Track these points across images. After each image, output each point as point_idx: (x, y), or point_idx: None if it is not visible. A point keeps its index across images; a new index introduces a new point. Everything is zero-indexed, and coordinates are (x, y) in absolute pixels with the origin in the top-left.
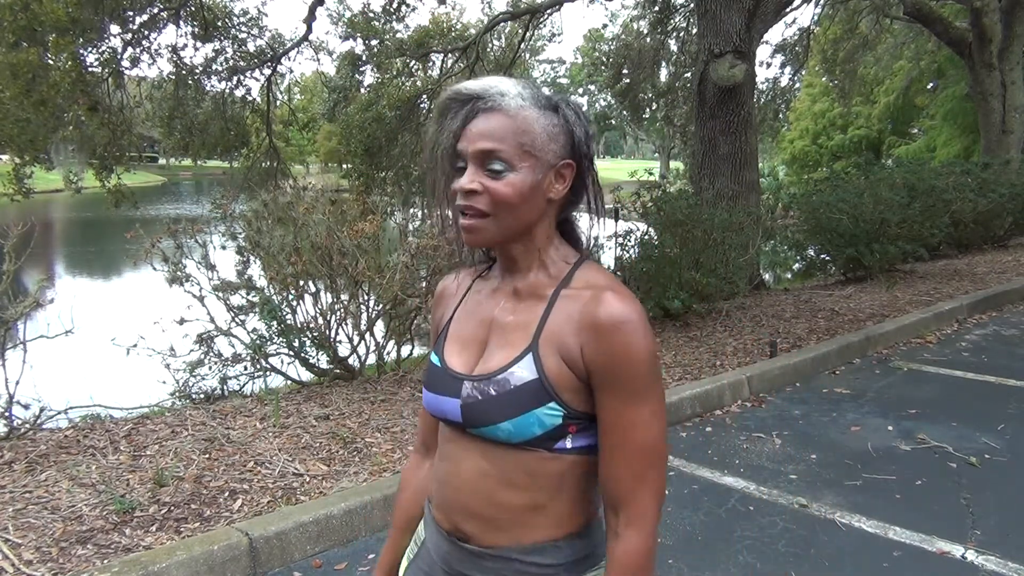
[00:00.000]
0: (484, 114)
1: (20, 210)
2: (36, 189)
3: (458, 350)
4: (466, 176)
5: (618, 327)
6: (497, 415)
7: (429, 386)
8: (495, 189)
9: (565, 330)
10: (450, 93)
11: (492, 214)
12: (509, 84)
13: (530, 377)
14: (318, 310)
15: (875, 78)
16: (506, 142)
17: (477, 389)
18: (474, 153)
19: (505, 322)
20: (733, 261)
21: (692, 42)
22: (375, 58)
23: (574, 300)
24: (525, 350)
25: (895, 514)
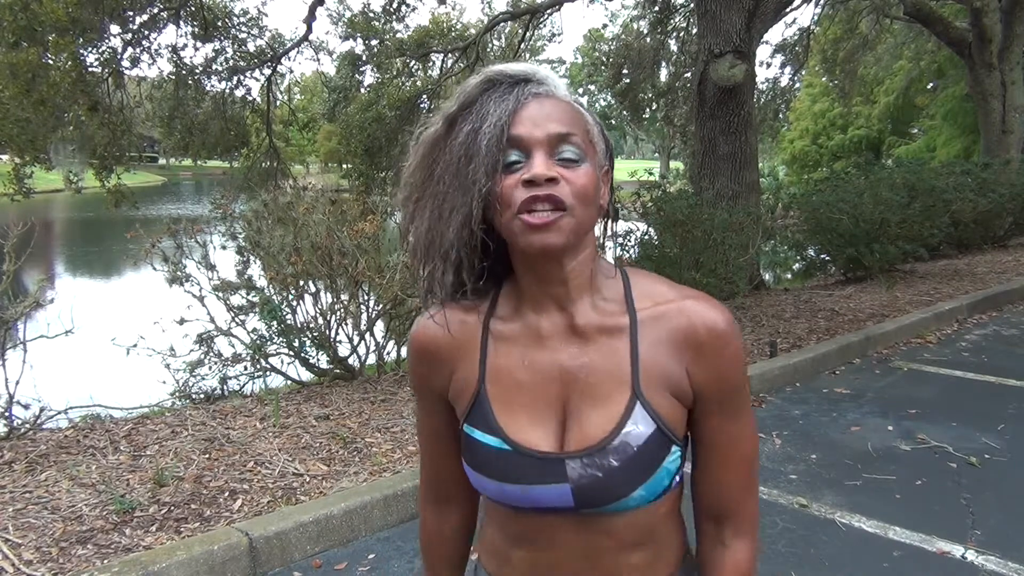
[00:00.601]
0: (538, 101)
1: (20, 210)
2: (36, 189)
3: (528, 422)
4: (538, 163)
5: (720, 337)
6: (627, 487)
7: (501, 475)
8: (575, 179)
9: (663, 360)
10: (492, 72)
11: (571, 208)
12: (551, 72)
13: (649, 430)
14: (318, 310)
15: (875, 78)
16: (576, 129)
17: (593, 466)
18: (546, 138)
19: (583, 372)
20: (733, 261)
21: (692, 42)
22: (375, 58)
23: (658, 322)
24: (631, 399)
25: (895, 514)
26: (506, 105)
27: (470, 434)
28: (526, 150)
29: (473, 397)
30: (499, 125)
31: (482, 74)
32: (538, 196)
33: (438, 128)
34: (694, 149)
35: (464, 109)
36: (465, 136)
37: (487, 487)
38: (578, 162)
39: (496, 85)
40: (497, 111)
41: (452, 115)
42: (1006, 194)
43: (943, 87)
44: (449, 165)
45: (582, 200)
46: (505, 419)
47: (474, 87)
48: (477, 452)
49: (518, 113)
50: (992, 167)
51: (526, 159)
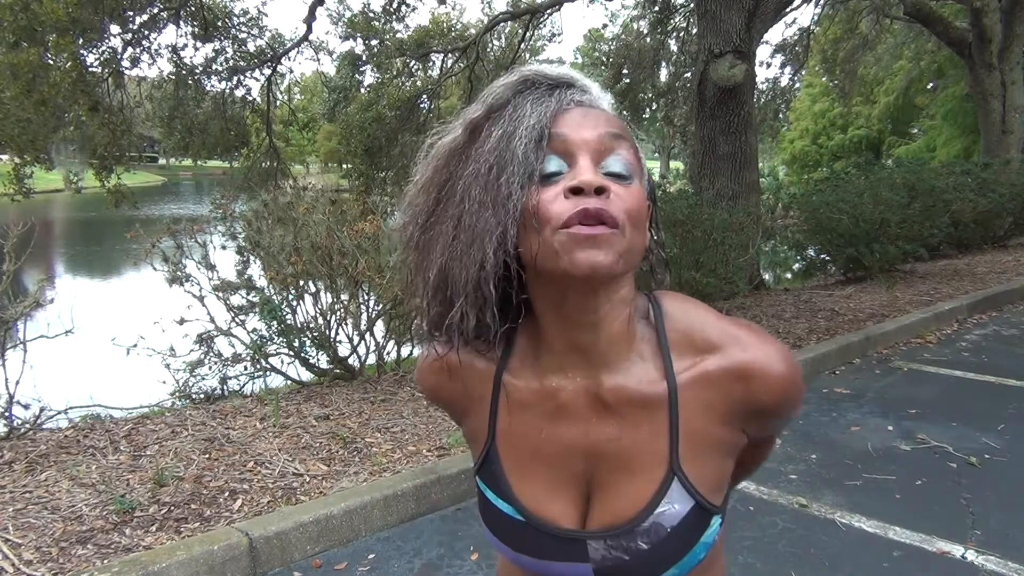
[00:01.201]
0: (582, 108)
1: (20, 210)
2: (36, 189)
3: (546, 494)
4: (586, 170)
5: (781, 387)
6: (656, 569)
7: (515, 545)
8: (625, 195)
9: (712, 429)
10: (528, 72)
11: (623, 228)
12: (595, 83)
13: (686, 509)
14: (318, 310)
15: (875, 78)
16: (627, 142)
17: (618, 548)
18: (594, 141)
19: (611, 447)
20: (733, 261)
21: (692, 42)
22: (375, 58)
23: (705, 386)
24: (667, 476)
25: (895, 514)
26: (546, 106)
27: (483, 491)
28: (569, 156)
29: (483, 453)
30: (538, 127)
31: (516, 73)
32: (588, 210)
33: (457, 136)
34: (694, 149)
35: (494, 111)
36: (496, 142)
37: (502, 550)
38: (629, 179)
39: (532, 87)
40: (536, 111)
41: (478, 120)
42: (1006, 194)
43: (943, 87)
44: (475, 178)
45: (634, 221)
46: (520, 487)
47: (505, 88)
48: (490, 512)
49: (560, 117)
50: (992, 167)
51: (568, 168)
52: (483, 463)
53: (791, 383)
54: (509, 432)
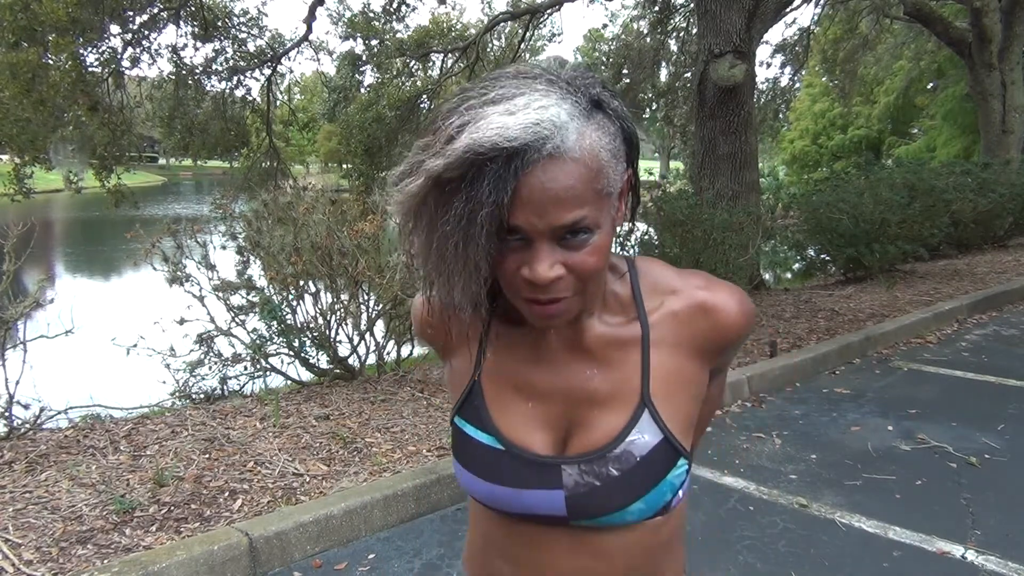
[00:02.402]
0: (542, 167)
1: (20, 210)
2: (36, 189)
3: (525, 425)
4: (541, 262)
5: (741, 318)
6: (624, 499)
7: (492, 476)
8: (582, 263)
9: (681, 364)
10: (475, 147)
11: (577, 292)
12: (555, 107)
13: (655, 440)
14: (318, 310)
15: (875, 78)
16: (587, 199)
17: (590, 474)
18: (548, 229)
19: (589, 386)
20: (733, 261)
21: (692, 42)
22: (375, 58)
23: (674, 324)
24: (638, 407)
25: (895, 514)
26: (503, 185)
27: (461, 428)
28: (528, 231)
29: (467, 389)
30: (495, 215)
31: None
32: (540, 299)
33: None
34: (694, 149)
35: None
36: (457, 220)
37: (477, 488)
38: (588, 234)
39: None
40: (494, 195)
41: (438, 174)
42: (1006, 194)
43: (943, 87)
44: (446, 242)
45: (588, 281)
46: (501, 418)
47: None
48: (468, 448)
49: (519, 193)
50: (992, 167)
51: (528, 242)
52: (465, 400)
53: (746, 311)
54: (494, 369)
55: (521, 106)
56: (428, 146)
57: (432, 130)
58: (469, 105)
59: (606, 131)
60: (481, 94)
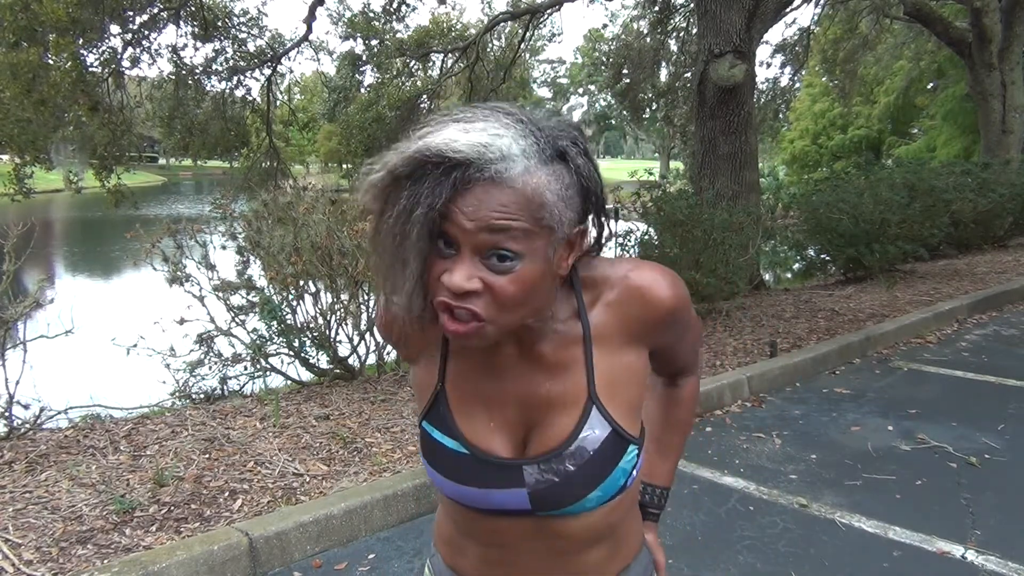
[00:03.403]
0: (482, 187)
1: (20, 210)
2: (36, 189)
3: (487, 430)
4: (460, 271)
5: (668, 292)
6: (582, 490)
7: (458, 477)
8: (501, 288)
9: (620, 354)
10: (423, 150)
11: (492, 319)
12: (508, 139)
13: (604, 433)
14: (318, 310)
15: (875, 78)
16: (517, 225)
17: (549, 471)
18: (475, 244)
19: (542, 391)
20: (733, 261)
21: (692, 42)
22: (375, 58)
23: (606, 313)
24: (586, 404)
25: (895, 514)
26: (441, 190)
27: (429, 432)
28: (456, 245)
29: (432, 396)
30: (430, 215)
31: (419, 148)
32: (452, 306)
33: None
34: (694, 149)
35: (394, 184)
36: (397, 216)
37: (445, 486)
38: (513, 261)
39: (432, 165)
40: (429, 198)
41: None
42: (1006, 194)
43: (943, 87)
44: (386, 237)
45: (507, 309)
46: (465, 424)
47: (407, 160)
48: (435, 451)
49: (453, 204)
50: (992, 167)
51: (456, 251)
52: (432, 406)
53: (674, 286)
54: (457, 374)
55: (478, 129)
56: (397, 147)
57: (408, 136)
58: (440, 120)
59: (559, 179)
60: (453, 115)
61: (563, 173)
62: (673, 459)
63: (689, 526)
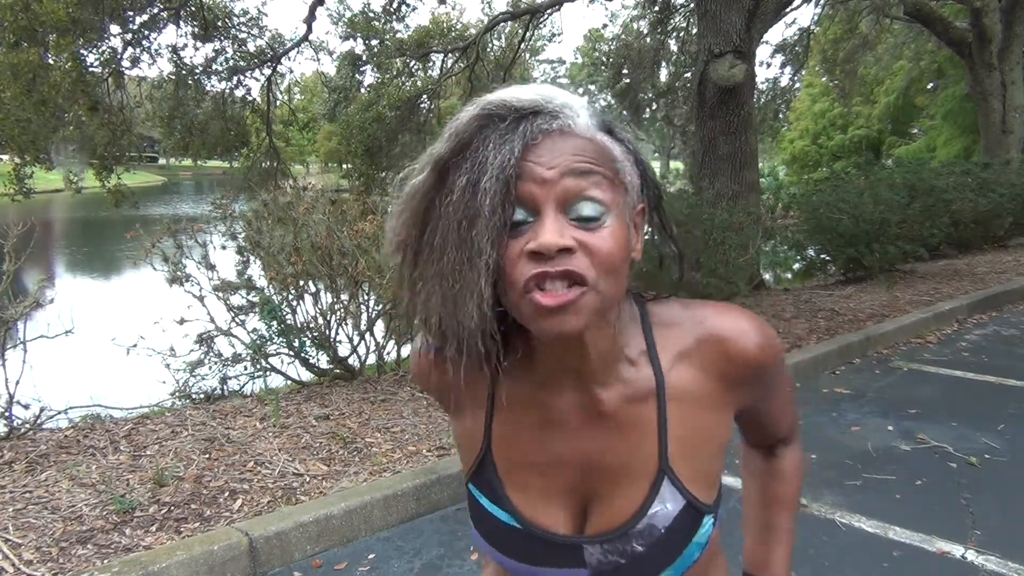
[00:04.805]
0: (552, 138)
1: (20, 210)
2: (36, 189)
3: (542, 502)
4: (549, 229)
5: (757, 341)
6: (652, 570)
7: (509, 552)
8: (597, 245)
9: (701, 414)
10: (492, 104)
11: (594, 283)
12: (568, 95)
13: (677, 508)
14: (318, 310)
15: (875, 78)
16: (599, 170)
17: (614, 552)
18: (561, 191)
19: (605, 455)
20: (733, 261)
21: (692, 42)
22: (375, 58)
23: (685, 364)
24: (657, 476)
25: (895, 514)
26: (510, 148)
27: (476, 497)
28: (534, 205)
29: (478, 458)
30: (502, 178)
31: (478, 105)
32: (548, 272)
33: (427, 177)
34: (694, 149)
35: (457, 154)
36: (461, 192)
37: (495, 556)
38: (600, 219)
39: (496, 121)
40: (499, 158)
41: (443, 160)
42: (1006, 194)
43: (943, 87)
44: (448, 234)
45: (607, 271)
46: (516, 495)
47: (468, 123)
48: (484, 518)
49: (525, 159)
50: (992, 167)
51: (534, 218)
52: (477, 469)
53: (762, 333)
54: (504, 438)
55: (535, 87)
56: (439, 139)
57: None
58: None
59: (617, 144)
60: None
61: (617, 143)
62: (786, 545)
63: None
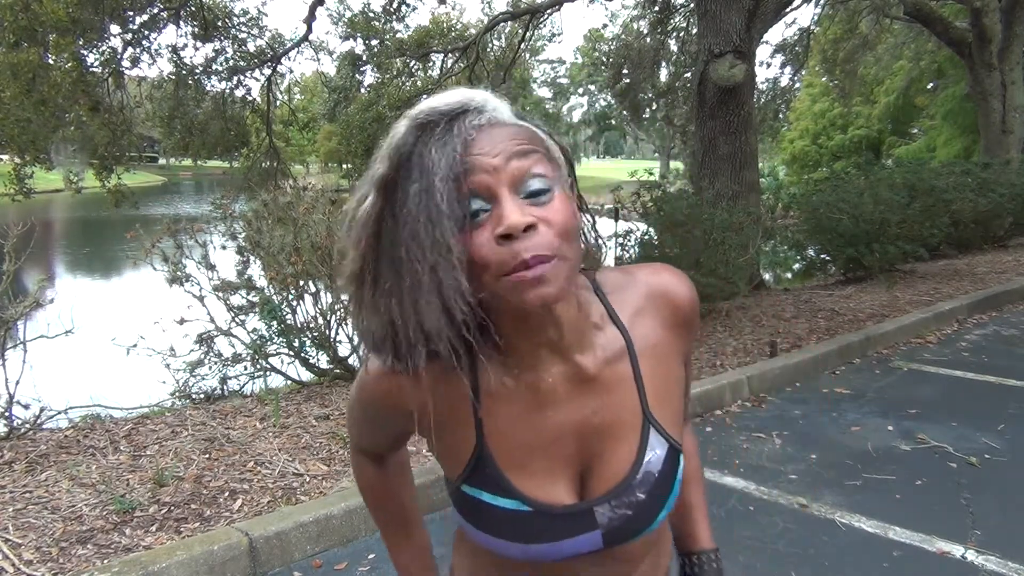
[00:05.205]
0: (486, 130)
1: (20, 210)
2: (36, 189)
3: (546, 479)
4: (510, 209)
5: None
6: (652, 515)
7: (523, 537)
8: (551, 217)
9: (665, 362)
10: (421, 114)
11: (558, 254)
12: (484, 92)
13: (664, 451)
14: (318, 310)
15: (875, 78)
16: (536, 148)
17: (621, 506)
18: (509, 177)
19: (596, 417)
20: (733, 261)
21: (692, 42)
22: (375, 58)
23: (642, 320)
24: (644, 426)
25: (895, 514)
26: (452, 147)
27: (476, 496)
28: (489, 193)
29: (471, 459)
30: (453, 174)
31: (409, 118)
32: (525, 260)
33: (374, 200)
34: (694, 149)
35: (401, 167)
36: (416, 198)
37: (507, 550)
38: (549, 191)
39: (430, 127)
40: (443, 159)
41: (387, 177)
42: (1006, 194)
43: (943, 87)
44: (414, 239)
45: (566, 238)
46: (521, 480)
47: (406, 134)
48: (489, 514)
49: (468, 154)
50: (992, 167)
51: (491, 205)
52: (473, 470)
53: (689, 284)
54: (499, 431)
55: (452, 92)
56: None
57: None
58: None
59: (543, 129)
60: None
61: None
62: (705, 517)
63: None
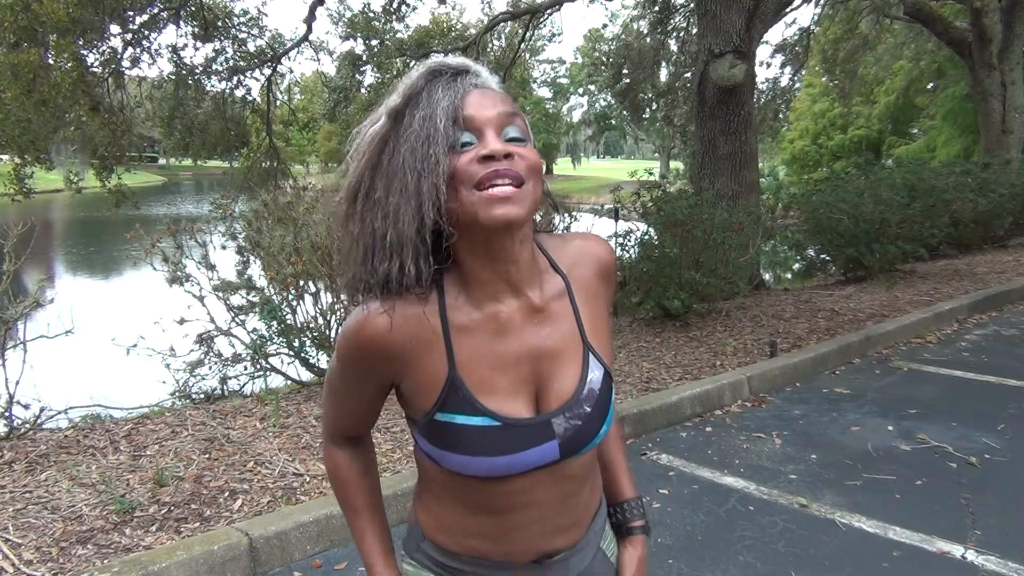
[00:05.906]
0: (479, 91)
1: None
2: (36, 189)
3: (508, 397)
4: (494, 139)
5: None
6: (597, 426)
7: (490, 450)
8: (525, 154)
9: (593, 304)
10: (434, 64)
11: (526, 182)
12: (474, 62)
13: (601, 372)
14: (318, 310)
15: (875, 78)
16: (517, 115)
17: (574, 417)
18: (495, 117)
19: (548, 342)
20: (733, 261)
21: (692, 42)
22: (375, 58)
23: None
24: (584, 351)
25: (895, 514)
26: (454, 91)
27: (449, 420)
28: (477, 130)
29: (445, 386)
30: (452, 107)
31: (424, 66)
32: (499, 171)
33: (384, 123)
34: (694, 149)
35: (411, 100)
36: (421, 122)
37: (475, 465)
38: (525, 141)
39: (439, 75)
40: (447, 97)
41: (399, 107)
42: (1006, 194)
43: (943, 87)
44: (410, 153)
45: (535, 175)
46: (489, 399)
47: (418, 78)
48: (460, 436)
49: (465, 98)
50: (992, 167)
51: (477, 140)
52: (446, 396)
53: (609, 245)
54: (470, 359)
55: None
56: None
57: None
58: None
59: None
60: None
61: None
62: (627, 471)
63: (689, 526)
